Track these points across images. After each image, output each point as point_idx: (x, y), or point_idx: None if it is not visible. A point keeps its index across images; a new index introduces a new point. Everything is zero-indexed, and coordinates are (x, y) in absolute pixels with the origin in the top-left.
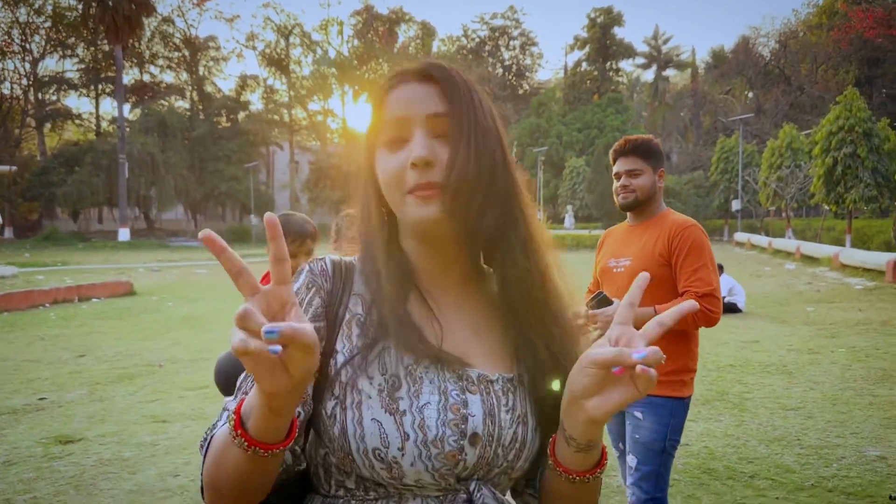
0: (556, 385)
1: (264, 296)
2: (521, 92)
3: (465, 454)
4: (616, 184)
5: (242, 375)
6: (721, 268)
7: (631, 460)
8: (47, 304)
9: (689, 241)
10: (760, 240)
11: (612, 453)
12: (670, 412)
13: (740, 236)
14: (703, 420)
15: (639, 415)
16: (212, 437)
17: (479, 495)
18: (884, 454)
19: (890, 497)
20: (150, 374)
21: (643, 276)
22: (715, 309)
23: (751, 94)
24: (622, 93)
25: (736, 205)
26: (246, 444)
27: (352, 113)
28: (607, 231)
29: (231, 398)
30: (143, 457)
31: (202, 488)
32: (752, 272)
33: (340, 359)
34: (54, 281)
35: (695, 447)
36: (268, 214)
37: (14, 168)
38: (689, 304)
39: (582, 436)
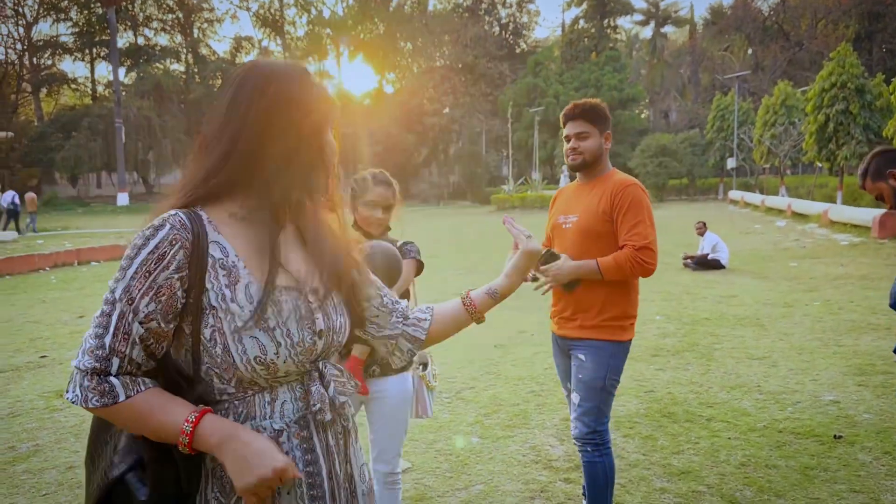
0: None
1: None
2: (518, 51)
3: (317, 345)
4: (566, 146)
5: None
6: (705, 225)
7: (575, 397)
8: (48, 268)
9: (630, 199)
10: (754, 197)
11: (561, 393)
12: (610, 354)
13: (734, 194)
14: (670, 369)
15: (582, 356)
16: (127, 398)
17: (325, 369)
18: (837, 399)
19: (834, 436)
20: None
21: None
22: (650, 261)
23: (749, 51)
24: (620, 50)
25: (731, 163)
26: (187, 449)
27: (347, 74)
28: (559, 190)
29: (94, 353)
30: None
31: (84, 405)
32: (742, 229)
33: (212, 296)
34: (54, 245)
35: (658, 393)
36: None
37: (12, 134)
38: None
39: (507, 291)
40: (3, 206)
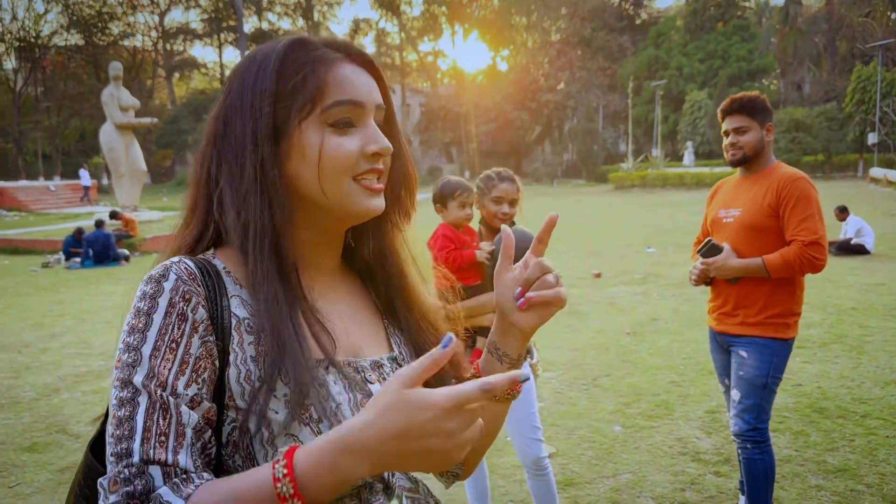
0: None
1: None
2: (638, 22)
3: None
4: (725, 141)
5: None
6: (846, 209)
7: (734, 394)
8: None
9: (797, 193)
10: None
11: (718, 388)
12: (773, 352)
13: (876, 172)
14: (818, 362)
15: (744, 353)
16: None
17: (392, 480)
18: None
19: None
20: None
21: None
22: (820, 256)
23: (893, 16)
24: (749, 19)
25: (872, 138)
26: (298, 501)
27: (461, 52)
28: (719, 182)
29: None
30: None
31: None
32: (886, 211)
33: (233, 374)
34: None
35: (808, 387)
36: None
37: (156, 120)
38: None
39: (514, 350)
40: None
